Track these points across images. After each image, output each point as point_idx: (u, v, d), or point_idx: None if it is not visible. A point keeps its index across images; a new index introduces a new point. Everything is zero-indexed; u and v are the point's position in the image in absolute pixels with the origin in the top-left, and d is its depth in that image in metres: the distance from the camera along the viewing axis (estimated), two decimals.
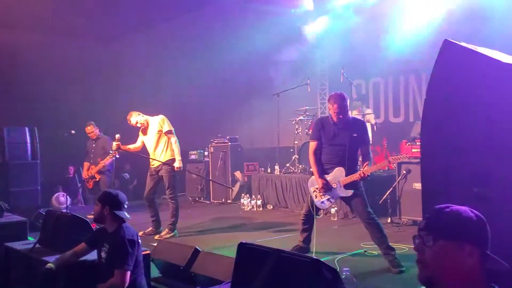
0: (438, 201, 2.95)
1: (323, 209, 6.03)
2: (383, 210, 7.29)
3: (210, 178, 10.50)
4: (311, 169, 8.56)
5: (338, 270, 2.45)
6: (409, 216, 7.17)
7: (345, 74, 9.10)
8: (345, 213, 7.91)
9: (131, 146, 7.15)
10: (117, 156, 8.49)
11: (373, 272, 4.94)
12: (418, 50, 8.86)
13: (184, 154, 11.65)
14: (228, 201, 10.34)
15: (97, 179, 8.72)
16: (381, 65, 10.11)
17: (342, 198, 5.33)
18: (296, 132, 9.67)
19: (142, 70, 12.38)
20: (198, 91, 11.96)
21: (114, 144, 6.90)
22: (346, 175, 5.09)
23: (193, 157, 11.43)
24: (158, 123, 6.93)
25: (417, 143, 7.36)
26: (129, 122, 7.03)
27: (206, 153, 11.11)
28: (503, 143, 2.78)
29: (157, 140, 6.94)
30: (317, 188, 5.26)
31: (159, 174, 6.97)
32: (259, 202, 9.28)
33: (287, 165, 9.69)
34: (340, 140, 5.15)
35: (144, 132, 7.08)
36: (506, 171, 2.74)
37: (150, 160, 7.05)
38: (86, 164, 8.93)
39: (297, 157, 9.38)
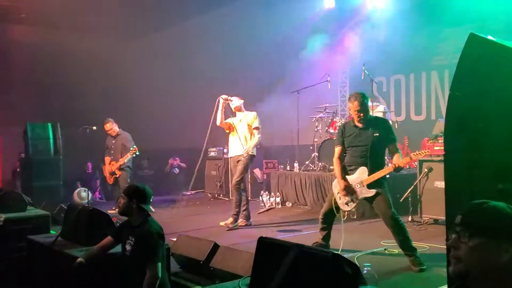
0: (462, 198, 2.92)
1: (347, 211, 5.92)
2: (404, 209, 7.20)
3: (230, 176, 10.49)
4: (331, 167, 8.57)
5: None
6: (430, 215, 7.08)
7: (366, 71, 9.01)
8: (364, 211, 7.83)
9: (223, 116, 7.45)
10: (137, 153, 8.56)
11: (393, 270, 4.89)
12: (441, 47, 8.75)
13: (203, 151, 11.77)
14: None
15: (118, 175, 8.80)
16: (403, 62, 10.00)
17: (366, 199, 5.26)
18: (315, 129, 9.61)
19: (162, 67, 12.44)
20: (217, 88, 11.97)
21: (225, 96, 7.33)
22: (369, 175, 5.07)
23: (212, 154, 11.45)
24: (251, 117, 7.35)
25: (439, 141, 7.26)
26: (231, 101, 7.38)
27: (225, 150, 11.11)
28: None
29: (247, 131, 7.34)
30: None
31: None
32: (278, 200, 9.26)
33: (307, 162, 9.64)
34: (362, 141, 5.16)
35: (236, 118, 7.43)
36: None
37: (230, 149, 7.53)
38: (107, 159, 9.02)
39: (317, 154, 9.33)
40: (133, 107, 11.65)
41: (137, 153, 8.60)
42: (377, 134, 5.10)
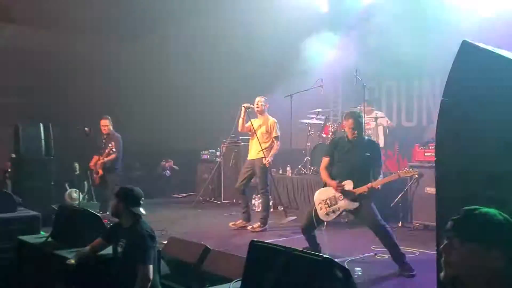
0: (453, 204, 2.94)
1: (326, 221, 5.87)
2: (394, 214, 7.24)
3: (222, 179, 10.52)
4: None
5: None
6: (420, 221, 7.12)
7: (359, 77, 9.04)
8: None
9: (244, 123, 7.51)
10: (114, 149, 8.48)
11: (383, 275, 4.91)
12: (433, 54, 8.80)
13: (196, 154, 11.77)
14: (239, 201, 10.32)
15: (99, 175, 8.70)
16: (395, 68, 10.05)
17: (350, 211, 5.38)
18: (308, 134, 9.64)
19: (156, 69, 12.42)
20: (212, 90, 12.00)
21: (247, 104, 7.44)
22: (355, 188, 5.14)
23: (205, 157, 11.44)
24: (269, 124, 7.45)
25: (430, 147, 7.32)
26: (254, 108, 7.50)
27: (218, 153, 11.11)
28: None
29: (265, 138, 7.44)
30: (323, 201, 5.31)
31: (254, 167, 7.41)
32: (270, 203, 9.23)
33: (299, 166, 9.66)
34: (352, 157, 5.30)
35: (256, 121, 7.53)
36: None
37: (249, 151, 7.60)
38: (95, 157, 8.93)
39: (309, 158, 9.35)
40: (126, 108, 11.61)
41: (113, 150, 8.52)
42: (368, 154, 5.24)
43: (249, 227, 7.36)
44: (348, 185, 5.19)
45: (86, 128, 8.86)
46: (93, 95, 11.45)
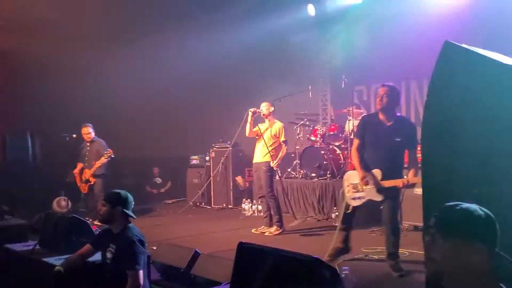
0: (439, 203, 2.96)
1: (352, 206, 5.21)
2: None
3: (212, 184, 10.50)
4: (313, 175, 8.61)
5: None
6: (410, 222, 7.14)
7: (346, 79, 9.08)
8: None
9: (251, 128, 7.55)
10: (112, 156, 8.38)
11: (373, 276, 4.93)
12: (420, 55, 8.86)
13: (185, 159, 11.75)
14: (229, 206, 10.33)
15: (92, 183, 8.61)
16: (383, 71, 10.12)
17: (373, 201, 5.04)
18: (297, 137, 9.66)
19: (143, 75, 12.39)
20: (200, 95, 11.99)
21: (253, 109, 7.44)
22: (384, 179, 4.84)
23: (194, 161, 11.42)
24: (277, 129, 7.47)
25: (418, 148, 7.34)
26: (260, 113, 7.51)
27: (207, 157, 11.10)
28: (503, 144, 2.78)
29: (272, 142, 7.43)
30: (351, 183, 5.04)
31: (258, 171, 7.43)
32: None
33: (289, 170, 9.67)
34: (382, 143, 4.90)
35: (263, 126, 7.57)
36: (506, 172, 2.74)
37: (255, 155, 7.59)
38: (79, 165, 8.75)
39: (298, 162, 9.37)
40: (114, 115, 11.56)
41: (112, 156, 8.40)
42: (399, 140, 4.83)
43: (266, 233, 7.22)
44: (376, 174, 4.84)
45: (73, 135, 8.80)
46: (82, 103, 11.39)
